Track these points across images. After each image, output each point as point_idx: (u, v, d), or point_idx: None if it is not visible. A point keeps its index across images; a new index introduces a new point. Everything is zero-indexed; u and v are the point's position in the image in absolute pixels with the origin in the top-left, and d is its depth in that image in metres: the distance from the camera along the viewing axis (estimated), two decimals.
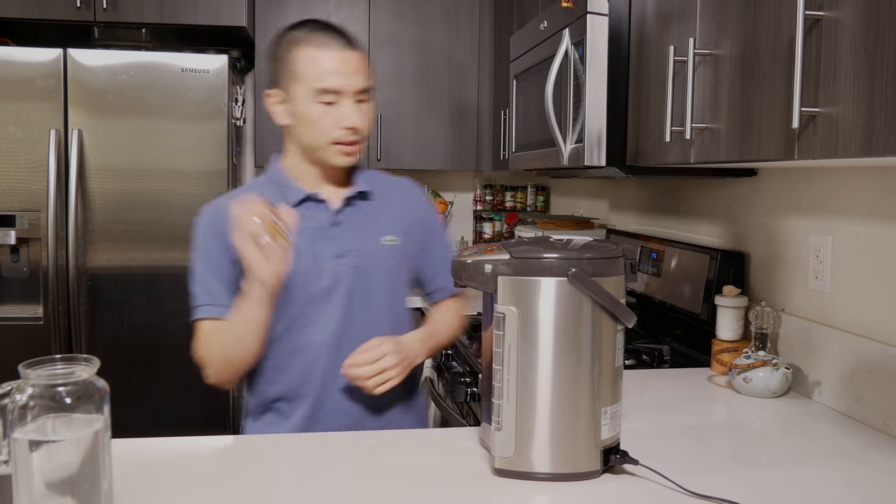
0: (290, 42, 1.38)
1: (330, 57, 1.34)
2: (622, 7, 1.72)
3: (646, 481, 1.11)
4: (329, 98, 1.34)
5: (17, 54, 2.59)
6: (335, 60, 1.34)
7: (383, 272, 1.44)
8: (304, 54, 1.35)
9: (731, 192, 1.99)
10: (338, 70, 1.34)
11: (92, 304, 2.65)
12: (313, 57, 1.35)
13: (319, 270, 1.39)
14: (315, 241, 1.40)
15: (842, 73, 1.00)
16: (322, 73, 1.34)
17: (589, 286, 1.08)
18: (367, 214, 1.45)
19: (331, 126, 1.36)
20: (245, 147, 3.49)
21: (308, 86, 1.34)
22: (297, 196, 1.42)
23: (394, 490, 1.08)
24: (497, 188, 3.74)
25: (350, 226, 1.43)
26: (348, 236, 1.42)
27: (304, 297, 1.39)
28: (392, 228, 1.46)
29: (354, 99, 1.36)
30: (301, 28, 1.39)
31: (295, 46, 1.36)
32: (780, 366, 1.58)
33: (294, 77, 1.36)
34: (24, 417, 0.87)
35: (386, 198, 1.49)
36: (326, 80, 1.34)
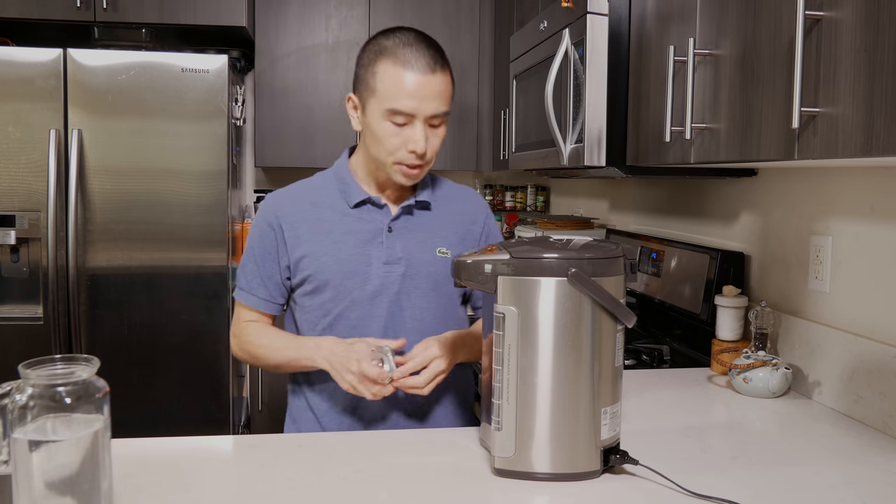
0: (376, 51, 1.34)
1: (410, 79, 1.30)
2: (622, 7, 1.71)
3: (646, 481, 1.11)
4: (400, 119, 1.32)
5: (17, 54, 2.59)
6: (414, 83, 1.30)
7: (433, 283, 1.44)
8: (386, 70, 1.31)
9: (731, 192, 1.99)
10: (415, 93, 1.30)
11: (92, 304, 2.65)
12: (393, 75, 1.31)
13: (367, 275, 1.40)
14: (367, 245, 1.41)
15: (842, 73, 1.00)
16: (397, 95, 1.30)
17: (589, 286, 1.08)
18: (424, 224, 1.46)
19: (397, 146, 1.33)
20: (245, 147, 3.50)
21: (382, 104, 1.32)
22: (358, 197, 1.43)
23: (394, 490, 1.08)
24: (497, 188, 3.74)
25: (404, 234, 1.43)
26: (401, 244, 1.42)
27: (350, 299, 1.40)
28: (446, 240, 1.46)
29: (426, 123, 1.33)
30: (392, 36, 1.35)
31: (379, 58, 1.33)
32: (779, 366, 1.58)
33: (370, 90, 1.34)
34: (24, 417, 0.87)
35: (446, 209, 1.49)
36: (401, 102, 1.30)
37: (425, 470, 1.15)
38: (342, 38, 3.22)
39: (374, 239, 1.41)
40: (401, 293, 1.41)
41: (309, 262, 1.41)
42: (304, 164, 3.19)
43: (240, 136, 3.31)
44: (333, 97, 3.21)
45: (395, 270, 1.41)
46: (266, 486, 1.09)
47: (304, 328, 1.46)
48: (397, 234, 1.43)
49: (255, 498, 1.05)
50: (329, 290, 1.40)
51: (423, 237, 1.45)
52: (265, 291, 1.46)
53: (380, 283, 1.40)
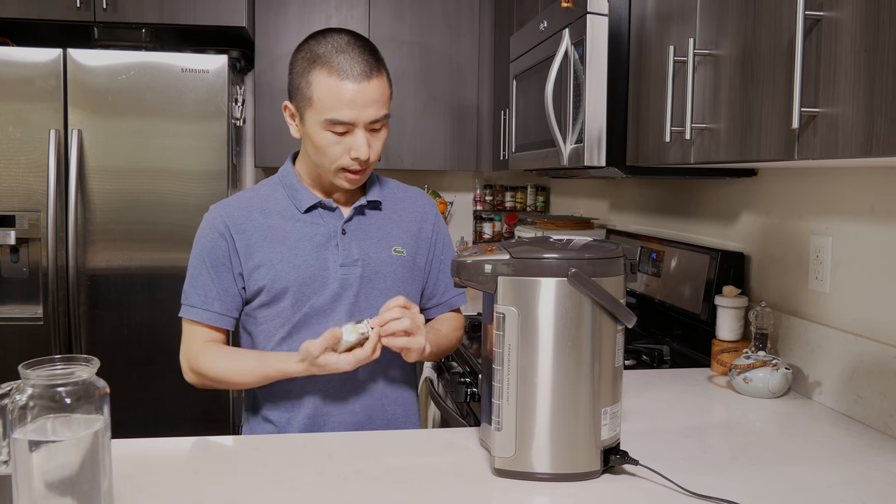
0: (309, 59, 1.32)
1: (346, 88, 1.28)
2: (622, 7, 1.71)
3: (646, 481, 1.11)
4: (340, 129, 1.31)
5: (17, 54, 2.59)
6: (351, 92, 1.28)
7: (391, 282, 1.43)
8: (321, 80, 1.29)
9: (731, 192, 1.99)
10: (352, 102, 1.29)
11: (92, 304, 2.65)
12: (329, 86, 1.29)
13: (325, 279, 1.38)
14: (322, 249, 1.39)
15: (842, 73, 1.00)
16: (335, 105, 1.29)
17: (589, 286, 1.08)
18: (377, 224, 1.45)
19: (339, 154, 1.33)
20: (245, 147, 3.50)
21: (320, 115, 1.30)
22: (309, 201, 1.41)
23: (393, 490, 1.08)
24: (497, 188, 3.74)
25: (358, 235, 1.42)
26: (356, 245, 1.41)
27: (309, 305, 1.38)
28: (401, 239, 1.46)
29: (367, 129, 1.32)
30: (324, 42, 1.32)
31: (313, 67, 1.30)
32: (780, 366, 1.58)
33: (306, 100, 1.32)
34: (23, 417, 0.87)
35: (396, 208, 1.48)
36: (339, 112, 1.29)
37: (425, 470, 1.15)
38: None
39: (329, 242, 1.39)
40: (360, 294, 1.40)
41: (265, 271, 1.37)
42: None
43: (240, 136, 3.31)
44: None
45: (352, 272, 1.39)
46: (266, 486, 1.09)
47: (259, 340, 1.43)
48: (352, 236, 1.41)
49: (255, 498, 1.05)
50: (288, 297, 1.37)
51: (377, 237, 1.44)
52: (221, 305, 1.39)
53: (339, 286, 1.38)
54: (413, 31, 3.28)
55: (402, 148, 3.30)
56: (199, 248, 1.41)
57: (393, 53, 3.26)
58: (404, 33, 3.27)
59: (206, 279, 1.39)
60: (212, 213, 1.43)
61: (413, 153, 3.31)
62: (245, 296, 1.41)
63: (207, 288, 1.39)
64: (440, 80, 3.31)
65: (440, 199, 3.64)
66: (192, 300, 1.39)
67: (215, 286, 1.39)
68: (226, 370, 1.37)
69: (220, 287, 1.39)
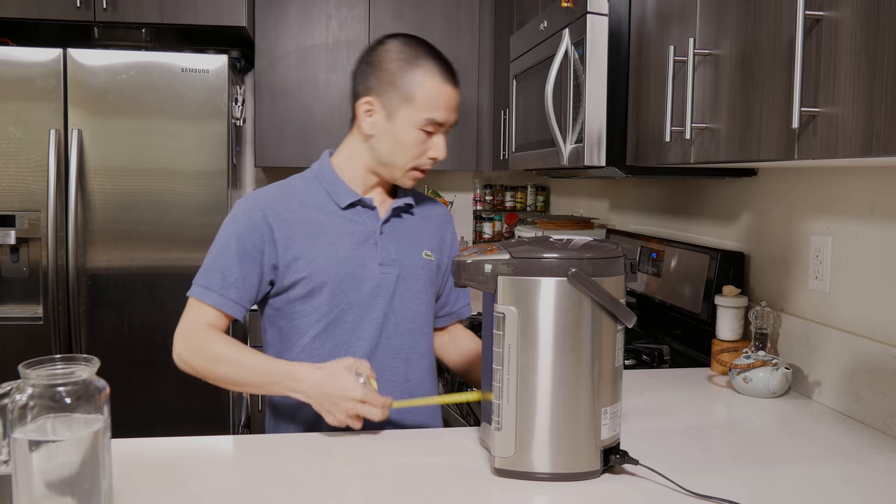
0: (407, 59, 1.35)
1: (448, 91, 1.36)
2: (622, 7, 1.71)
3: (646, 481, 1.11)
4: (431, 129, 1.36)
5: (17, 54, 2.59)
6: (450, 95, 1.36)
7: (421, 286, 1.44)
8: (426, 81, 1.34)
9: (731, 192, 1.99)
10: (449, 105, 1.36)
11: (92, 304, 2.65)
12: (435, 87, 1.34)
13: (363, 276, 1.38)
14: (361, 247, 1.39)
15: (842, 73, 1.00)
16: (439, 106, 1.35)
17: (589, 286, 1.08)
18: (410, 227, 1.47)
19: (419, 153, 1.37)
20: (245, 147, 3.50)
21: (421, 114, 1.34)
22: (349, 198, 1.40)
23: (393, 490, 1.08)
24: (497, 188, 3.74)
25: (394, 236, 1.43)
26: (393, 246, 1.42)
27: (347, 301, 1.38)
28: (429, 244, 1.48)
29: (445, 132, 1.39)
30: (415, 46, 1.37)
31: (415, 69, 1.34)
32: (780, 366, 1.58)
33: (405, 97, 1.34)
34: (24, 417, 0.87)
35: (423, 214, 1.51)
36: (440, 113, 1.35)
37: (425, 470, 1.15)
38: (342, 38, 3.22)
39: (367, 240, 1.40)
40: (395, 295, 1.41)
41: (304, 264, 1.36)
42: (303, 164, 3.17)
43: (240, 136, 3.31)
44: (333, 97, 3.21)
45: (390, 272, 1.40)
46: (266, 486, 1.09)
47: (290, 336, 1.40)
48: (388, 236, 1.42)
49: (255, 498, 1.05)
50: (325, 292, 1.36)
51: (410, 239, 1.45)
52: (237, 293, 1.35)
53: (376, 284, 1.39)
54: (413, 31, 3.26)
55: None
56: (229, 232, 1.37)
57: None
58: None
59: (230, 263, 1.35)
60: (248, 201, 1.39)
61: None
62: (273, 289, 1.39)
63: (229, 272, 1.35)
64: None
65: (440, 199, 3.64)
66: (210, 282, 1.35)
67: (237, 272, 1.35)
68: (224, 356, 1.31)
69: (242, 274, 1.35)
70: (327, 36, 3.20)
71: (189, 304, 1.37)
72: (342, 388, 1.22)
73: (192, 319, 1.35)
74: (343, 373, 1.24)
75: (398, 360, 1.42)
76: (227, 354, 1.32)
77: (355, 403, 1.22)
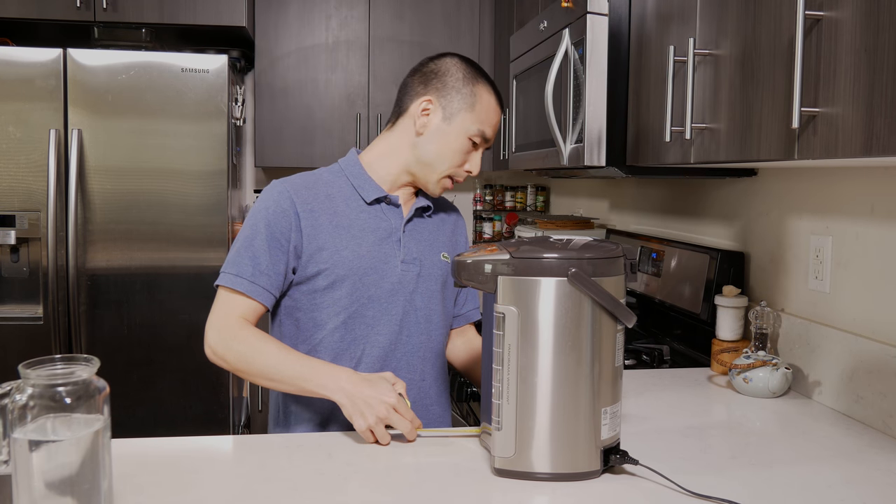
0: (472, 76, 1.42)
1: (498, 113, 1.45)
2: (622, 7, 1.71)
3: (646, 481, 1.11)
4: (477, 142, 1.42)
5: (17, 54, 2.59)
6: (499, 117, 1.46)
7: (439, 286, 1.47)
8: (488, 99, 1.42)
9: (731, 192, 1.99)
10: (496, 125, 1.44)
11: (92, 304, 2.65)
12: (492, 104, 1.43)
13: (384, 272, 1.40)
14: (384, 243, 1.41)
15: (842, 73, 1.00)
16: (492, 122, 1.43)
17: (589, 286, 1.08)
18: (429, 228, 1.49)
19: (459, 163, 1.42)
20: (245, 147, 3.50)
21: (476, 124, 1.40)
22: (375, 194, 1.42)
23: (394, 490, 1.08)
24: (497, 188, 3.74)
25: (415, 236, 1.45)
26: (414, 245, 1.44)
27: (367, 296, 1.39)
28: (445, 246, 1.51)
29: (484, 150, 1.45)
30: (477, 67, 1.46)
31: (479, 84, 1.42)
32: (780, 366, 1.58)
33: (469, 107, 1.40)
34: (24, 417, 0.87)
35: (439, 216, 1.54)
36: (489, 129, 1.42)
37: (425, 470, 1.15)
38: (342, 38, 3.22)
39: (390, 237, 1.42)
40: (415, 293, 1.42)
41: (328, 255, 1.36)
42: (303, 164, 3.19)
43: (240, 136, 3.31)
44: (333, 97, 3.21)
45: (411, 270, 1.42)
46: (266, 486, 1.09)
47: (307, 328, 1.40)
48: (410, 235, 1.45)
49: (255, 498, 1.05)
50: (346, 285, 1.37)
51: (430, 240, 1.48)
52: (268, 281, 1.34)
53: (397, 280, 1.40)
54: (413, 31, 3.28)
55: None
56: (258, 219, 1.36)
57: (393, 53, 3.26)
58: (404, 33, 3.27)
59: (260, 251, 1.34)
60: (276, 188, 1.39)
61: None
62: (294, 277, 1.38)
63: (259, 259, 1.33)
64: None
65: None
66: (241, 269, 1.33)
67: (267, 259, 1.34)
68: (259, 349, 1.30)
69: (272, 261, 1.34)
70: (327, 36, 3.20)
71: (219, 294, 1.36)
72: (379, 391, 1.23)
73: (225, 311, 1.33)
74: (381, 381, 1.26)
75: (416, 358, 1.44)
76: (260, 347, 1.30)
77: (388, 409, 1.22)
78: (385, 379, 1.27)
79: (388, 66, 3.26)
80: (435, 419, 1.48)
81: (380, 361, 1.40)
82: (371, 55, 3.25)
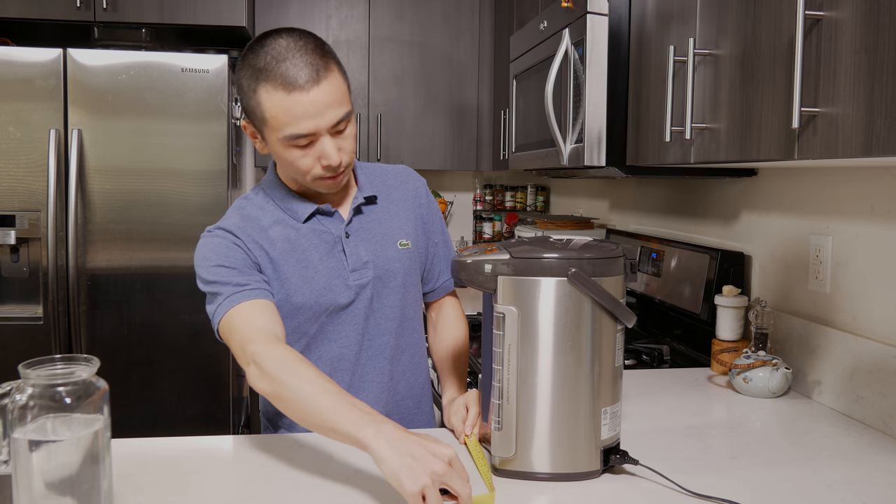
0: (252, 76, 1.21)
1: (297, 100, 1.17)
2: (622, 7, 1.71)
3: (646, 481, 1.11)
4: (303, 142, 1.21)
5: (17, 54, 2.59)
6: (304, 103, 1.18)
7: (400, 277, 1.39)
8: (269, 98, 1.19)
9: (731, 192, 1.99)
10: (308, 113, 1.18)
11: (92, 304, 2.65)
12: (278, 102, 1.18)
13: (338, 287, 1.34)
14: (329, 257, 1.34)
15: (842, 73, 1.00)
16: (290, 121, 1.19)
17: (589, 286, 1.08)
18: (378, 220, 1.40)
19: (311, 165, 1.24)
20: (245, 147, 3.50)
21: (277, 132, 1.21)
22: (307, 211, 1.34)
23: (394, 490, 1.08)
24: (497, 188, 3.74)
25: (362, 235, 1.37)
26: (363, 247, 1.36)
27: (326, 315, 1.34)
28: (403, 231, 1.42)
29: (331, 133, 1.23)
30: (262, 52, 1.20)
31: (258, 84, 1.20)
32: (779, 366, 1.58)
33: (260, 120, 1.23)
34: (23, 417, 0.87)
35: (391, 198, 1.44)
36: (297, 126, 1.19)
37: None
38: (342, 38, 3.22)
39: (334, 248, 1.34)
40: (373, 297, 1.37)
41: (278, 286, 1.31)
42: None
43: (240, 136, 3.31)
44: None
45: (364, 276, 1.35)
46: (266, 486, 1.09)
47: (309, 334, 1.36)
48: (356, 237, 1.36)
49: (255, 498, 1.05)
50: (304, 312, 1.32)
51: (381, 234, 1.39)
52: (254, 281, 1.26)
53: (353, 292, 1.35)
54: (413, 31, 3.28)
55: (401, 148, 3.30)
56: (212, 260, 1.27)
57: (393, 53, 3.26)
58: (404, 33, 3.27)
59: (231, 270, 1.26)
60: (213, 234, 1.31)
61: (413, 153, 3.31)
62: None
63: (237, 273, 1.26)
64: (440, 80, 3.31)
65: (440, 199, 3.64)
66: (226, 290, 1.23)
67: (242, 276, 1.26)
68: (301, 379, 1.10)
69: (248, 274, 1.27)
70: (327, 36, 3.20)
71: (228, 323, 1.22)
72: (432, 447, 1.00)
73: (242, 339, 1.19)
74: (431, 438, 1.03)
75: (382, 360, 1.39)
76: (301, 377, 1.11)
77: (445, 467, 0.98)
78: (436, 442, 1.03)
79: (388, 67, 3.27)
80: (407, 413, 1.44)
81: (348, 373, 1.37)
82: (371, 55, 3.25)
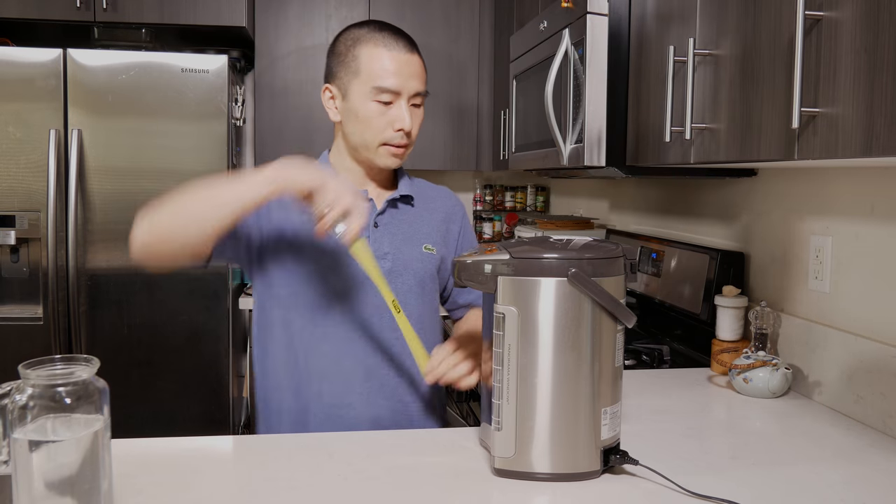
0: (353, 39, 1.38)
1: (392, 57, 1.35)
2: (622, 7, 1.71)
3: (646, 481, 1.11)
4: (386, 98, 1.35)
5: (17, 54, 2.59)
6: (396, 61, 1.35)
7: (417, 279, 1.43)
8: (367, 52, 1.35)
9: (731, 192, 1.99)
10: (398, 71, 1.35)
11: (92, 304, 2.65)
12: (376, 55, 1.35)
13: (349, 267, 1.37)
14: None
15: (842, 73, 1.00)
16: (383, 72, 1.34)
17: (589, 286, 1.08)
18: (408, 219, 1.46)
19: (384, 126, 1.36)
20: (245, 147, 3.50)
21: (367, 83, 1.34)
22: None
23: (393, 490, 1.08)
24: (497, 188, 3.74)
25: (390, 229, 1.43)
26: (387, 240, 1.42)
27: (334, 293, 1.38)
28: (430, 238, 1.47)
29: (409, 102, 1.37)
30: (364, 26, 1.39)
31: (358, 44, 1.36)
32: (780, 366, 1.58)
33: (354, 74, 1.36)
34: (23, 417, 0.87)
35: (427, 206, 1.50)
36: (386, 79, 1.34)
37: (425, 470, 1.15)
38: None
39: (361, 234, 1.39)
40: None
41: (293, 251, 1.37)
42: None
43: (240, 136, 3.31)
44: None
45: (381, 266, 1.37)
46: (266, 486, 1.09)
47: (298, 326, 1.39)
48: (384, 229, 1.42)
49: (255, 498, 1.05)
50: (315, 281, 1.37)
51: (409, 232, 1.45)
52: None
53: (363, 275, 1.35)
54: (413, 31, 3.27)
55: None
56: None
57: None
58: None
59: None
60: None
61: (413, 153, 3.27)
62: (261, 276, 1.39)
63: None
64: (440, 80, 3.31)
65: None
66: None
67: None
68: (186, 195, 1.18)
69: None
70: (327, 36, 3.20)
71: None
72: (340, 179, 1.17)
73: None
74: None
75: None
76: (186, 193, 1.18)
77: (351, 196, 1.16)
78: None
79: None
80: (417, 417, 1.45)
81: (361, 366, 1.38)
82: None
